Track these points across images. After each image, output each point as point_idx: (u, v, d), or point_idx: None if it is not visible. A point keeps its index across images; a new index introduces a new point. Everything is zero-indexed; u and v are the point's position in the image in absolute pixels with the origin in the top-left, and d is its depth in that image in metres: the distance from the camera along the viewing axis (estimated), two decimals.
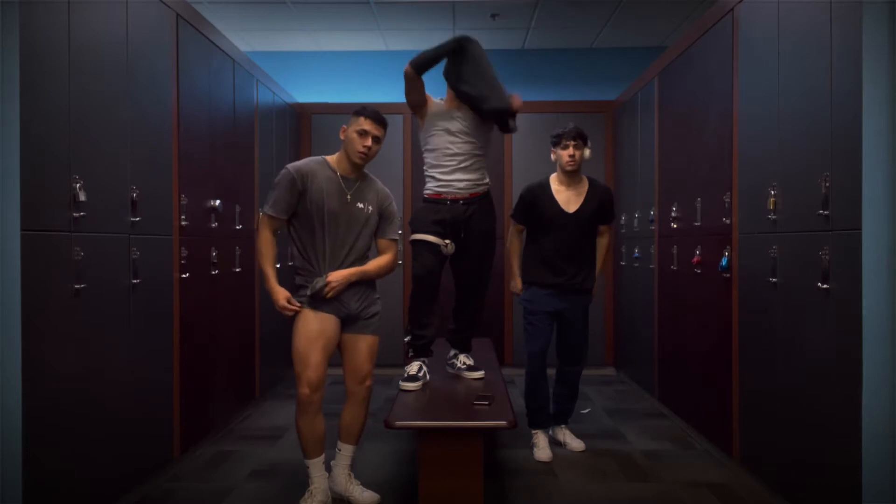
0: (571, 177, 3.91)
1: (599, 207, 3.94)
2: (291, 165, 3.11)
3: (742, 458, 3.53)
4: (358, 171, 3.15)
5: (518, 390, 5.32)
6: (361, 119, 3.06)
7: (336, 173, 3.11)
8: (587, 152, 3.90)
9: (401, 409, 3.07)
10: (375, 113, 3.09)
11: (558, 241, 3.90)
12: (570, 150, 3.84)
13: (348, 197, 3.09)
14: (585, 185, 3.96)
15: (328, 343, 3.05)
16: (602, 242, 4.08)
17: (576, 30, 6.38)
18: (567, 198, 3.91)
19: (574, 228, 3.90)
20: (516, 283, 4.05)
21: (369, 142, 3.05)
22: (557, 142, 3.88)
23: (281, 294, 3.04)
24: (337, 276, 3.03)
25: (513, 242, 4.10)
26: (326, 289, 3.01)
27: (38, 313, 2.45)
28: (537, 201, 3.92)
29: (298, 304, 3.05)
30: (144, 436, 3.27)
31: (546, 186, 3.95)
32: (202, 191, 3.98)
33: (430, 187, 3.58)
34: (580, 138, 3.86)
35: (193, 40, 3.88)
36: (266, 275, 3.07)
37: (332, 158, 3.16)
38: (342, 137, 3.13)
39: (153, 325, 3.37)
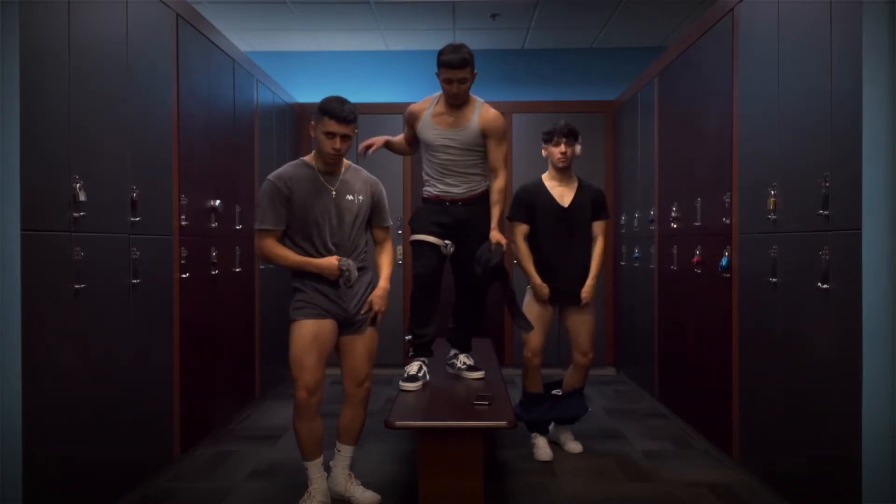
0: (563, 173, 3.94)
1: (592, 202, 3.96)
2: (271, 175, 3.05)
3: (742, 458, 3.53)
4: (337, 164, 3.10)
5: (518, 390, 5.32)
6: (326, 120, 2.94)
7: (316, 171, 3.07)
8: (578, 148, 3.93)
9: (401, 409, 3.07)
10: (341, 110, 2.93)
11: (555, 237, 3.90)
12: (562, 148, 3.86)
13: (333, 192, 3.06)
14: (576, 183, 3.99)
15: (323, 346, 3.03)
16: (597, 248, 3.98)
17: (576, 30, 6.38)
18: (561, 192, 3.94)
19: (570, 222, 3.91)
20: (537, 283, 3.88)
21: (338, 143, 2.97)
22: (549, 139, 3.91)
23: (329, 261, 3.00)
24: (382, 298, 3.12)
25: (519, 247, 3.93)
26: (378, 316, 3.11)
27: (38, 313, 2.45)
28: (534, 198, 3.93)
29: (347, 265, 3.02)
30: (144, 436, 3.27)
31: (540, 184, 3.98)
32: (202, 191, 3.98)
33: (429, 190, 3.57)
34: (571, 135, 3.88)
35: (193, 40, 3.88)
36: (303, 263, 3.01)
37: (309, 158, 3.11)
38: (312, 135, 3.05)
39: (153, 325, 3.37)
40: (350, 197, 3.08)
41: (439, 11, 5.90)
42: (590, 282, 3.93)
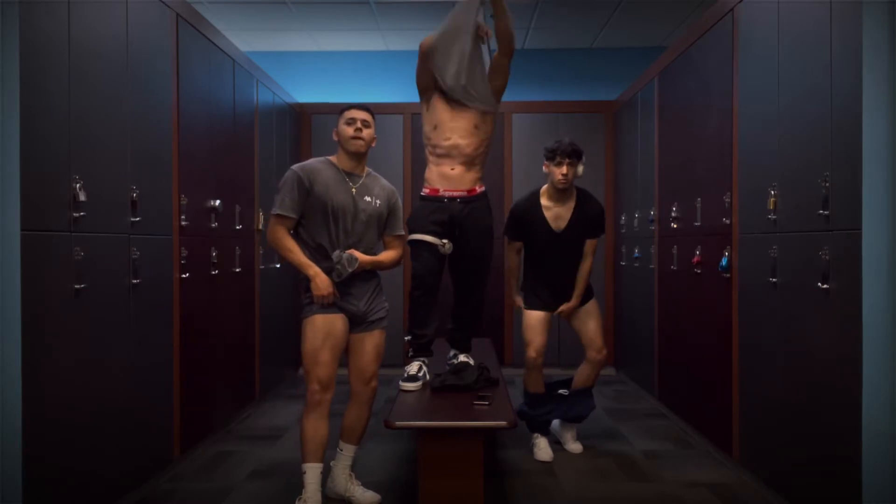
0: (562, 192, 3.85)
1: (588, 224, 3.90)
2: (296, 165, 3.16)
3: (742, 458, 3.53)
4: (360, 165, 3.19)
5: (518, 390, 5.32)
6: (345, 112, 3.17)
7: (339, 170, 3.15)
8: (580, 169, 3.79)
9: (401, 409, 3.07)
10: (357, 103, 3.22)
11: (547, 258, 3.92)
12: (564, 169, 3.73)
13: (353, 191, 3.12)
14: (573, 201, 3.88)
15: (337, 342, 3.06)
16: (584, 267, 3.93)
17: (576, 30, 6.38)
18: (556, 214, 3.86)
19: (562, 246, 3.89)
20: (515, 301, 4.03)
21: (359, 124, 3.12)
22: (552, 157, 3.77)
23: (327, 281, 3.03)
24: (363, 259, 3.09)
25: (510, 260, 4.03)
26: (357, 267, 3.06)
27: (38, 313, 2.45)
28: (527, 219, 3.89)
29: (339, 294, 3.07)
30: (144, 436, 3.27)
31: (535, 204, 3.88)
32: (202, 191, 3.98)
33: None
34: (575, 156, 3.75)
35: (193, 40, 3.88)
36: (302, 263, 3.05)
37: (334, 158, 3.21)
38: (336, 139, 3.19)
39: (153, 325, 3.37)
40: (368, 198, 3.16)
41: (439, 11, 5.88)
42: (572, 302, 3.95)
